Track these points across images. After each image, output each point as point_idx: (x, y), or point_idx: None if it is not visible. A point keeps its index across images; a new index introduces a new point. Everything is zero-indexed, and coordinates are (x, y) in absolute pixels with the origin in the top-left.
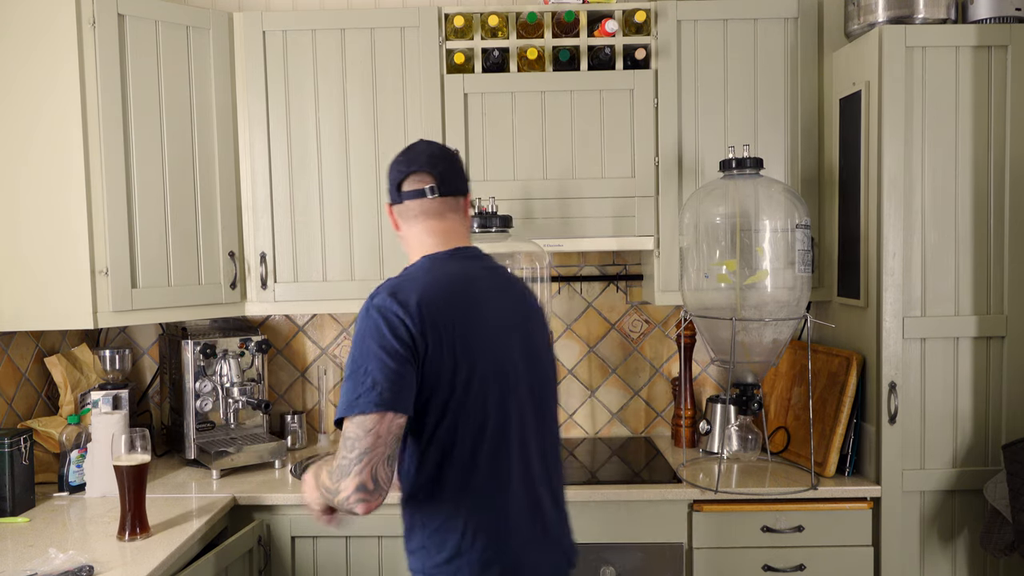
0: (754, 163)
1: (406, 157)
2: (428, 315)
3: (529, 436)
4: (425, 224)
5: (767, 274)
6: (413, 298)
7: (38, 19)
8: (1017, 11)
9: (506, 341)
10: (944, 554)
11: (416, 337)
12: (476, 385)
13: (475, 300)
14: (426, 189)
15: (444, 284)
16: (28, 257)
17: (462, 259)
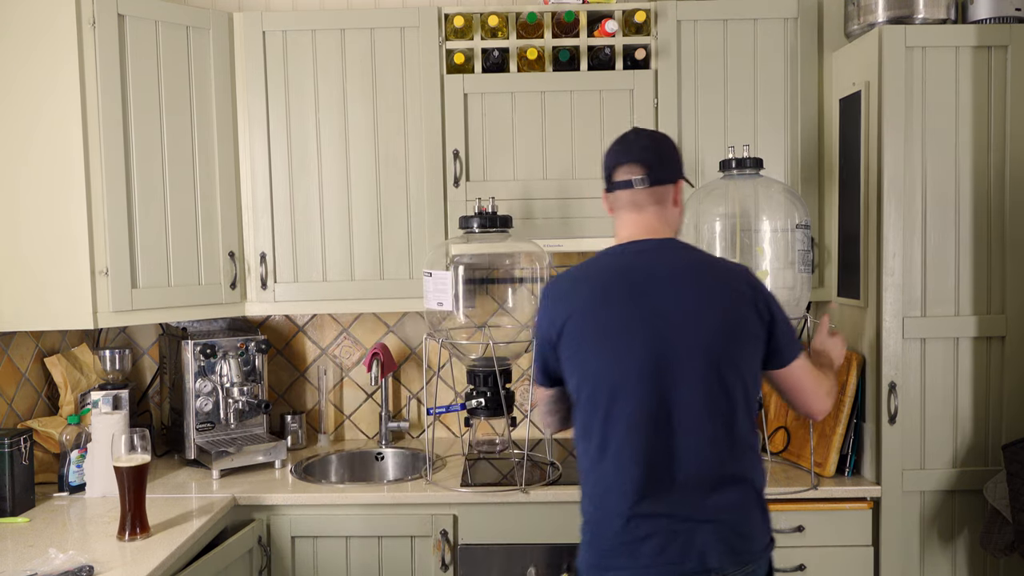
0: (754, 163)
1: (620, 147)
2: (563, 305)
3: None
4: (626, 215)
5: (767, 274)
6: (558, 286)
7: (38, 19)
8: (1017, 11)
9: (641, 330)
10: (944, 554)
11: (553, 323)
12: (593, 368)
13: (614, 292)
14: (633, 180)
15: (592, 275)
16: (28, 257)
17: (635, 253)
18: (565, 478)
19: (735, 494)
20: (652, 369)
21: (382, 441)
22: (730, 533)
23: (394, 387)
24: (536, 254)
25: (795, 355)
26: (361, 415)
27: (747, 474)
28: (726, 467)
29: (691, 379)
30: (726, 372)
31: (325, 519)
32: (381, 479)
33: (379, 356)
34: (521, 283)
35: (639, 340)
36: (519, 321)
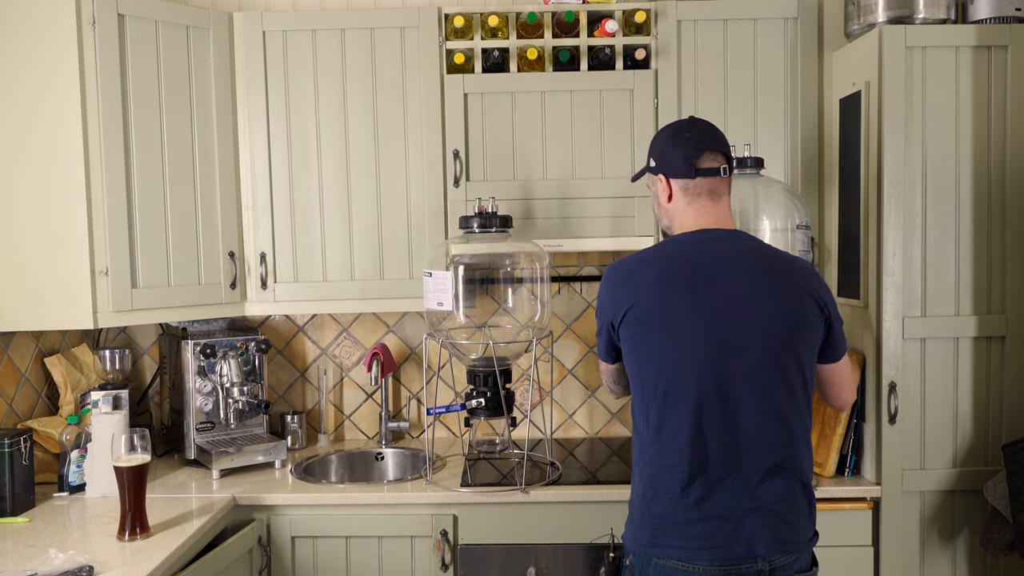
0: (755, 163)
1: (696, 133)
2: (626, 289)
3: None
4: (702, 203)
5: None
6: (621, 270)
7: (38, 19)
8: (1017, 11)
9: (706, 318)
10: (944, 554)
11: (616, 306)
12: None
13: (679, 280)
14: (721, 169)
15: (658, 262)
16: (28, 257)
17: (707, 240)
18: (565, 478)
19: (785, 484)
20: (713, 356)
21: (382, 441)
22: (778, 522)
23: (394, 387)
24: (536, 254)
25: (845, 351)
26: (361, 415)
27: (798, 465)
28: (778, 457)
29: (751, 368)
30: (786, 363)
31: (325, 519)
32: (381, 479)
33: (379, 356)
34: (521, 283)
35: (703, 327)
36: (519, 321)
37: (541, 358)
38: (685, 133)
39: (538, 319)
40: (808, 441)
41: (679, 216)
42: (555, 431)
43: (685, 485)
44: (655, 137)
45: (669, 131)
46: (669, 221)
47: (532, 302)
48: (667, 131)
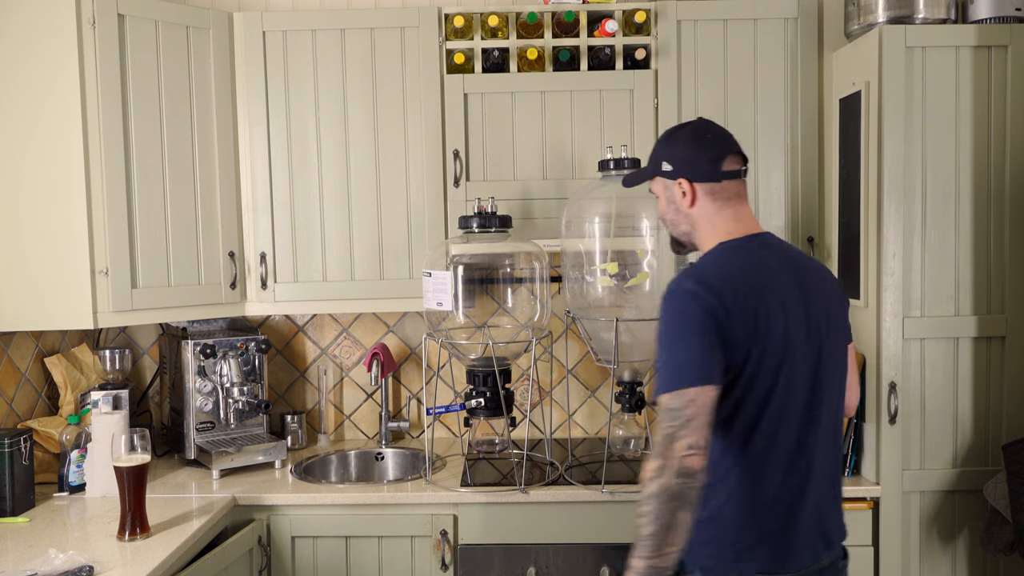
0: (632, 163)
1: (717, 135)
2: (730, 299)
3: (808, 425)
4: (733, 208)
5: (647, 276)
6: (715, 282)
7: (38, 19)
8: (1017, 11)
9: (799, 330)
10: (944, 554)
11: (721, 319)
12: (766, 363)
13: (768, 288)
14: (741, 171)
15: (739, 272)
16: (28, 257)
17: (760, 247)
18: (564, 478)
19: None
20: (814, 369)
21: (382, 441)
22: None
23: (394, 387)
24: (536, 254)
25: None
26: (361, 415)
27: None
28: (838, 475)
29: (832, 380)
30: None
31: (325, 519)
32: (381, 479)
33: (379, 356)
34: (521, 283)
35: (806, 339)
36: (519, 321)
37: (541, 358)
38: (707, 135)
39: (538, 319)
40: None
41: (706, 221)
42: (555, 431)
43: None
44: (666, 140)
45: (687, 134)
46: (690, 227)
47: (532, 302)
48: (683, 134)
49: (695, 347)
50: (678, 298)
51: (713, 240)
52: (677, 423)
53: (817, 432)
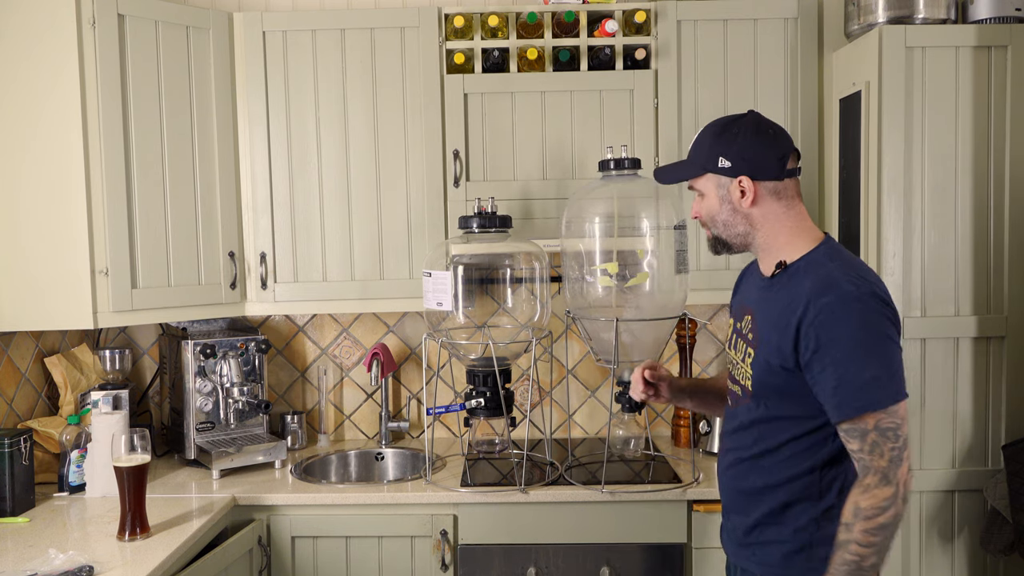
0: (632, 164)
1: (777, 131)
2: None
3: None
4: (798, 206)
5: (648, 276)
6: (882, 285)
7: (38, 19)
8: (1017, 11)
9: None
10: (944, 554)
11: (897, 323)
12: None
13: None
14: (798, 168)
15: (871, 272)
16: (28, 257)
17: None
18: (564, 478)
19: None
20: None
21: (382, 441)
22: None
23: (394, 387)
24: (536, 254)
25: None
26: (361, 415)
27: None
28: None
29: None
30: None
31: (325, 519)
32: (381, 479)
33: (379, 356)
34: (521, 283)
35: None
36: (519, 321)
37: (541, 358)
38: (769, 130)
39: (538, 319)
40: None
41: (770, 223)
42: (555, 431)
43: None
44: (722, 134)
45: (748, 128)
46: (749, 227)
47: (532, 302)
48: (742, 128)
49: (895, 357)
50: (869, 305)
51: (792, 240)
52: (900, 444)
53: None
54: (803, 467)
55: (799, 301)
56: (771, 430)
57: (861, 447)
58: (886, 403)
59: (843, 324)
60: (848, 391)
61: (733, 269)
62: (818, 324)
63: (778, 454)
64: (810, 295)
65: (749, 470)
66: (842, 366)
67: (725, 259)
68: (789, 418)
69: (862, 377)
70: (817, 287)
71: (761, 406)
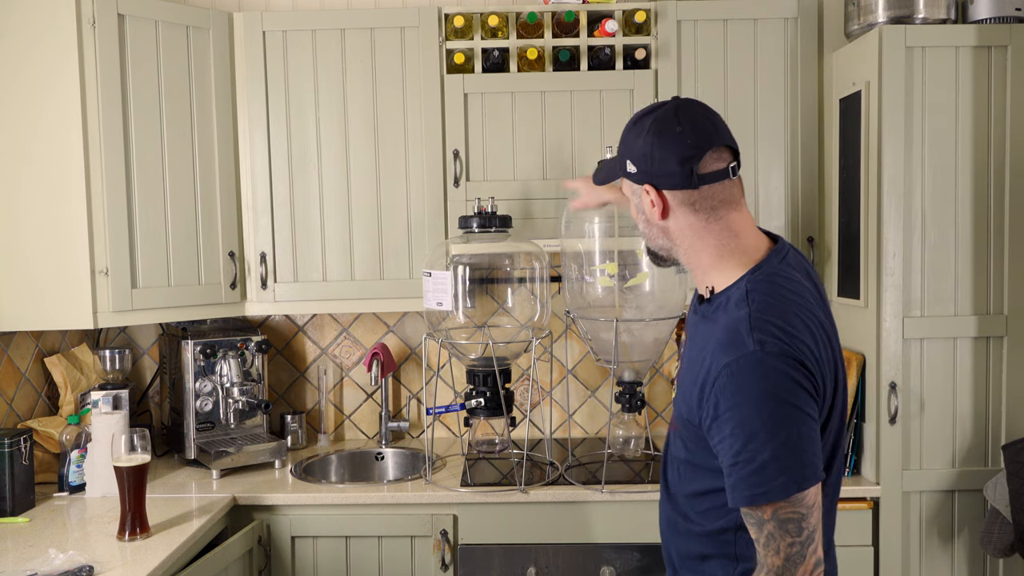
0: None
1: (690, 125)
2: (815, 367)
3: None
4: (728, 218)
5: (647, 276)
6: (802, 347)
7: (38, 19)
8: (1017, 11)
9: (836, 375)
10: (944, 554)
11: (816, 389)
12: (836, 423)
13: (823, 327)
14: (729, 168)
15: (806, 323)
16: (28, 257)
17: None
18: (564, 478)
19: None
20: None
21: (382, 441)
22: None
23: (394, 387)
24: (536, 254)
25: None
26: (361, 415)
27: None
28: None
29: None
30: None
31: (325, 519)
32: (381, 479)
33: (379, 356)
34: (521, 283)
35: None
36: (519, 321)
37: (541, 358)
38: (675, 127)
39: (538, 319)
40: None
41: (689, 239)
42: (555, 431)
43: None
44: (631, 128)
45: (651, 124)
46: (668, 242)
47: (532, 302)
48: (647, 123)
49: (804, 434)
50: (775, 368)
51: (716, 263)
52: (803, 538)
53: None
54: (718, 524)
55: (707, 352)
56: (691, 474)
57: (757, 537)
58: (788, 491)
59: (742, 392)
60: (742, 474)
61: None
62: (718, 389)
63: (697, 502)
64: (714, 351)
65: (676, 507)
66: (738, 442)
67: None
68: (705, 469)
69: (760, 459)
70: (722, 342)
71: (684, 446)
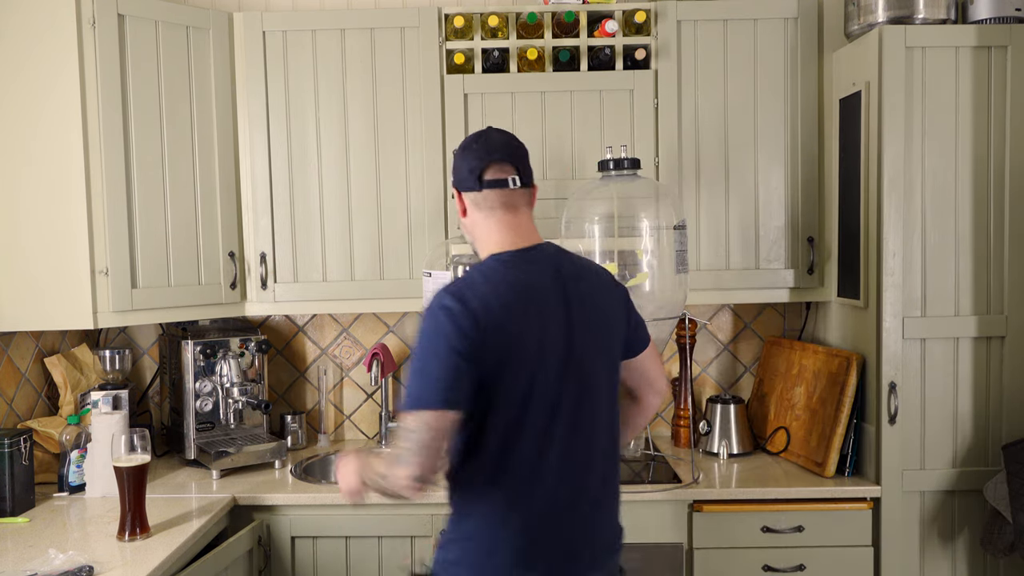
0: (631, 163)
1: (485, 145)
2: (485, 319)
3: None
4: (502, 217)
5: (647, 275)
6: (474, 303)
7: (38, 19)
8: (1017, 11)
9: (557, 343)
10: (944, 554)
11: (475, 339)
12: (521, 384)
13: (529, 306)
14: (509, 180)
15: (503, 291)
16: (28, 257)
17: (528, 262)
18: None
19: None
20: (579, 383)
21: (382, 441)
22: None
23: (394, 387)
24: None
25: (647, 342)
26: (361, 415)
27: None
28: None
29: (600, 388)
30: (615, 378)
31: (325, 519)
32: None
33: (379, 356)
34: None
35: (568, 353)
36: None
37: None
38: (474, 144)
39: None
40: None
41: (479, 232)
42: None
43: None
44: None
45: (463, 143)
46: (472, 238)
47: None
48: (462, 143)
49: (443, 369)
50: (435, 315)
51: (486, 252)
52: (409, 446)
53: (580, 447)
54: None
55: None
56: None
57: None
58: (414, 407)
59: (418, 331)
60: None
61: (734, 269)
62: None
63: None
64: None
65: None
66: (408, 367)
67: (725, 259)
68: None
69: (408, 379)
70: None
71: None
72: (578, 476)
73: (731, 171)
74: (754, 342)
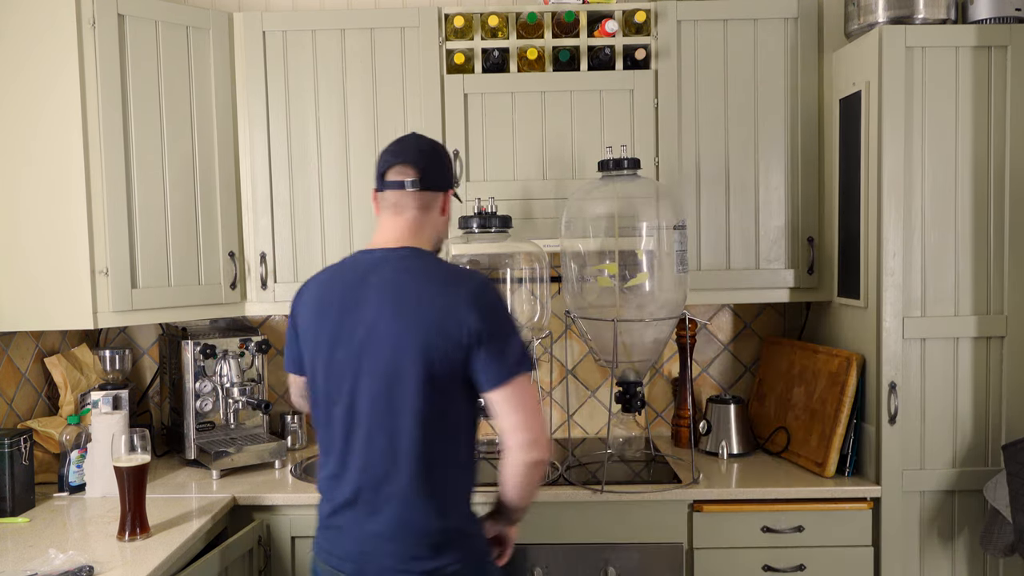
0: (631, 163)
1: (396, 147)
2: (301, 302)
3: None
4: (386, 218)
5: (647, 276)
6: (309, 289)
7: (38, 19)
8: (1017, 11)
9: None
10: (944, 554)
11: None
12: (319, 368)
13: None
14: (406, 182)
15: (324, 278)
16: (28, 257)
17: (359, 260)
18: (564, 478)
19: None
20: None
21: None
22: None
23: None
24: (536, 254)
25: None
26: None
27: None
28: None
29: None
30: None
31: None
32: None
33: None
34: (521, 283)
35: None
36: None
37: (541, 358)
38: (390, 147)
39: (538, 319)
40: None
41: (377, 229)
42: (555, 431)
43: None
44: None
45: (383, 149)
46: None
47: (532, 302)
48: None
49: (287, 339)
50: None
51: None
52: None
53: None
54: None
55: None
56: None
57: None
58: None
59: None
60: None
61: (734, 269)
62: None
63: None
64: None
65: None
66: None
67: (725, 259)
68: None
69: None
70: None
71: None
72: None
73: (731, 171)
74: (754, 342)
